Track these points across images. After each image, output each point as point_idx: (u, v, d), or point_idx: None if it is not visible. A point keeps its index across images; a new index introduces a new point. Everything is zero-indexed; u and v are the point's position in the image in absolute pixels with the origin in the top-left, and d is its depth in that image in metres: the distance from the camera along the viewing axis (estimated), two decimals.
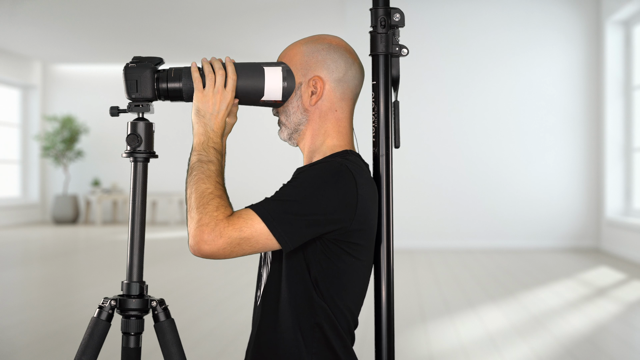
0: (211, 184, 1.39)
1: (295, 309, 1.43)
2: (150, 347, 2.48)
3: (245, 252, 1.36)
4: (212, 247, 1.33)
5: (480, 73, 8.30)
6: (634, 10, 7.48)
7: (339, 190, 1.39)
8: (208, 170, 1.41)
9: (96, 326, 1.42)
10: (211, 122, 1.46)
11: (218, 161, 1.43)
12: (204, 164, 1.41)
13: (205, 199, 1.36)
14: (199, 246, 1.33)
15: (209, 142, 1.45)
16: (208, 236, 1.33)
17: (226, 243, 1.33)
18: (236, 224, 1.34)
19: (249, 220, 1.35)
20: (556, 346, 3.72)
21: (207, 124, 1.45)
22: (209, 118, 1.46)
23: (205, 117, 1.46)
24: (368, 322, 2.90)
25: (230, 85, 1.46)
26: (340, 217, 1.39)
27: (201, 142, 1.44)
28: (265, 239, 1.35)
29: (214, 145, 1.45)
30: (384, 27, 1.52)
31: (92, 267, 7.06)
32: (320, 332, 1.43)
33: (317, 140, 1.52)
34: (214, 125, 1.46)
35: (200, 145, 1.44)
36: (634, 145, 7.71)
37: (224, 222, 1.34)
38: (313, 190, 1.38)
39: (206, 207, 1.35)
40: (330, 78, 1.50)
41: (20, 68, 12.16)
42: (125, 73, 1.44)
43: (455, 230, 8.27)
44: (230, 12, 8.99)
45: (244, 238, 1.34)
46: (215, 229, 1.33)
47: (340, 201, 1.38)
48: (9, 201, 12.11)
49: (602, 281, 5.84)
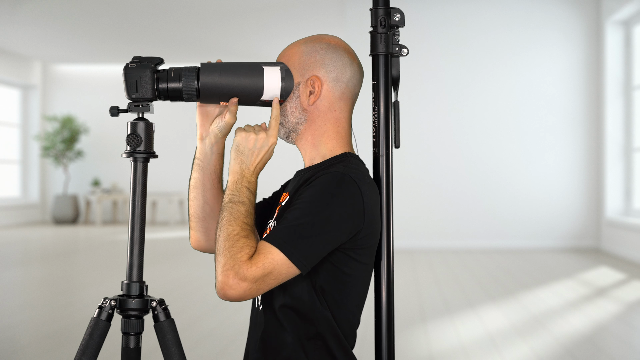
0: (238, 226, 1.38)
1: (296, 319, 1.43)
2: (150, 347, 2.48)
3: (271, 286, 1.36)
4: (237, 291, 1.32)
5: (480, 73, 8.30)
6: (634, 10, 7.48)
7: (346, 202, 1.39)
8: (237, 211, 1.40)
9: (96, 326, 1.42)
10: (248, 159, 1.45)
11: (249, 201, 1.42)
12: (234, 205, 1.41)
13: (231, 241, 1.36)
14: (224, 292, 1.33)
15: (243, 181, 1.44)
16: (232, 281, 1.32)
17: (250, 283, 1.33)
18: (258, 262, 1.34)
19: (268, 254, 1.34)
20: (556, 346, 3.72)
21: (243, 162, 1.45)
22: (247, 155, 1.45)
23: (243, 154, 1.45)
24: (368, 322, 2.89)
25: (273, 126, 1.46)
26: (350, 229, 1.40)
27: (235, 181, 1.44)
28: (286, 268, 1.35)
29: (248, 185, 1.44)
30: (384, 27, 1.52)
31: (92, 267, 7.06)
32: (322, 342, 1.43)
33: (316, 141, 1.52)
34: (250, 164, 1.45)
35: (234, 184, 1.43)
36: (634, 145, 7.71)
37: (247, 264, 1.33)
38: (321, 208, 1.38)
39: (230, 250, 1.35)
40: (328, 78, 1.50)
41: (20, 68, 12.16)
42: (125, 73, 1.44)
43: (455, 230, 8.27)
44: (230, 12, 9.00)
45: (267, 274, 1.34)
46: (239, 272, 1.32)
47: (348, 214, 1.39)
48: (9, 201, 12.11)
49: (602, 281, 5.84)
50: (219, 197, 1.58)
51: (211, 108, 1.54)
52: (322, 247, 1.37)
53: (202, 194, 1.57)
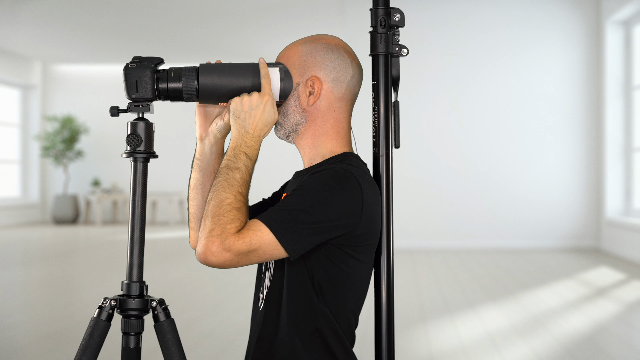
0: (231, 194, 1.37)
1: (295, 315, 1.43)
2: (150, 347, 2.48)
3: (252, 262, 1.36)
4: (218, 259, 1.32)
5: (480, 73, 8.30)
6: (634, 10, 7.48)
7: (345, 196, 1.39)
8: (232, 178, 1.39)
9: (96, 326, 1.42)
10: (246, 121, 1.43)
11: (246, 168, 1.41)
12: (230, 171, 1.40)
13: (222, 209, 1.35)
14: (205, 256, 1.33)
15: (242, 145, 1.42)
16: (216, 248, 1.32)
17: (233, 255, 1.33)
18: (246, 237, 1.33)
19: (257, 231, 1.34)
20: (556, 346, 3.72)
21: (241, 125, 1.43)
22: (243, 117, 1.43)
23: (240, 118, 1.44)
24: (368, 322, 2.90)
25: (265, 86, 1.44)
26: (346, 223, 1.39)
27: (233, 146, 1.42)
28: (272, 248, 1.35)
29: (246, 150, 1.42)
30: (384, 27, 1.52)
31: (92, 267, 7.06)
32: (320, 338, 1.43)
33: (316, 141, 1.51)
34: (248, 125, 1.43)
35: (232, 150, 1.42)
36: (634, 145, 7.71)
37: (234, 235, 1.33)
38: (319, 197, 1.37)
39: (221, 218, 1.34)
40: (328, 78, 1.49)
41: (20, 68, 12.16)
42: (125, 73, 1.44)
43: (455, 230, 8.27)
44: (230, 12, 9.00)
45: (252, 250, 1.34)
46: (225, 242, 1.32)
47: (346, 208, 1.39)
48: (9, 201, 12.11)
49: (602, 281, 5.84)
50: None
51: (211, 108, 1.54)
52: (313, 236, 1.37)
53: (201, 194, 1.57)
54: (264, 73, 1.45)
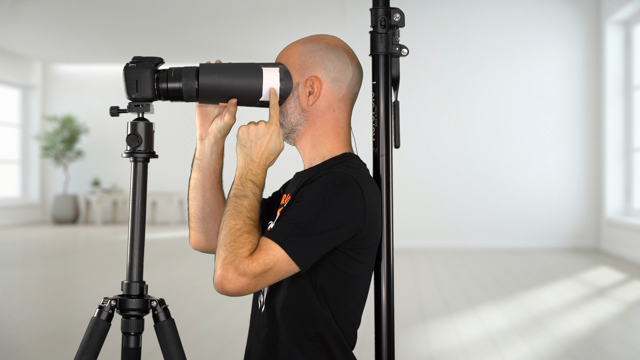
0: (240, 220, 1.37)
1: (295, 319, 1.43)
2: (150, 347, 2.48)
3: (269, 282, 1.35)
4: (236, 285, 1.32)
5: (480, 73, 8.30)
6: (634, 10, 7.48)
7: (347, 202, 1.39)
8: (240, 205, 1.39)
9: (96, 326, 1.42)
10: (252, 150, 1.44)
11: (254, 195, 1.41)
12: (238, 199, 1.40)
13: (233, 235, 1.35)
14: (222, 285, 1.32)
15: (248, 174, 1.42)
16: (232, 275, 1.31)
17: (250, 279, 1.32)
18: (259, 258, 1.33)
19: (269, 250, 1.34)
20: (556, 346, 3.72)
21: (247, 154, 1.44)
22: (249, 147, 1.44)
23: (245, 147, 1.44)
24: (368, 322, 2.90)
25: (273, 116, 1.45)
26: (351, 228, 1.39)
27: (240, 175, 1.43)
28: (286, 265, 1.35)
29: (253, 178, 1.42)
30: (384, 27, 1.52)
31: (92, 267, 7.06)
32: (321, 342, 1.43)
33: (316, 141, 1.51)
34: (254, 154, 1.43)
35: (239, 179, 1.42)
36: (634, 145, 7.71)
37: (247, 259, 1.32)
38: (322, 207, 1.37)
39: (232, 244, 1.34)
40: (327, 78, 1.49)
41: (20, 68, 12.16)
42: (125, 73, 1.44)
43: (455, 230, 8.27)
44: (230, 12, 9.00)
45: (266, 270, 1.33)
46: (239, 268, 1.31)
47: (349, 213, 1.39)
48: (9, 201, 12.11)
49: (602, 281, 5.84)
50: (218, 198, 1.58)
51: (210, 108, 1.54)
52: (322, 245, 1.37)
53: (201, 194, 1.57)
54: (273, 103, 1.46)
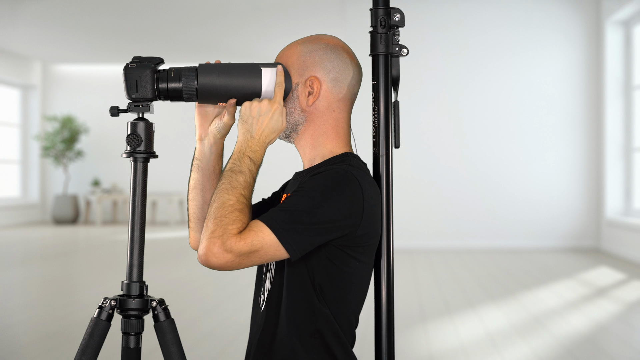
0: (234, 196, 1.37)
1: (295, 316, 1.43)
2: (150, 347, 2.48)
3: (253, 263, 1.35)
4: (220, 260, 1.32)
5: (480, 73, 8.30)
6: (634, 10, 7.48)
7: (346, 197, 1.39)
8: (235, 181, 1.39)
9: (96, 326, 1.42)
10: (252, 127, 1.44)
11: (250, 172, 1.41)
12: (234, 174, 1.40)
13: (224, 210, 1.35)
14: (206, 257, 1.32)
15: (246, 150, 1.43)
16: (218, 249, 1.32)
17: (235, 256, 1.32)
18: (247, 238, 1.33)
19: (259, 232, 1.34)
20: (556, 346, 3.72)
21: (247, 130, 1.44)
22: (250, 123, 1.44)
23: (247, 122, 1.44)
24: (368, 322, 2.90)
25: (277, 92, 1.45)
26: (347, 224, 1.39)
27: (238, 150, 1.43)
28: (274, 249, 1.35)
29: (251, 154, 1.42)
30: (384, 27, 1.52)
31: (92, 267, 7.06)
32: (320, 339, 1.43)
33: (316, 141, 1.51)
34: (254, 131, 1.44)
35: (237, 154, 1.43)
36: (634, 145, 7.71)
37: (235, 237, 1.33)
38: (320, 198, 1.37)
39: (222, 219, 1.34)
40: (327, 78, 1.49)
41: (20, 68, 12.16)
42: (125, 73, 1.44)
43: (455, 230, 8.27)
44: (230, 12, 9.00)
45: (253, 251, 1.34)
46: (226, 243, 1.32)
47: (347, 209, 1.39)
48: (9, 201, 12.11)
49: (602, 281, 5.84)
50: None
51: (210, 109, 1.54)
52: (315, 236, 1.37)
53: (201, 194, 1.57)
54: (279, 81, 1.46)
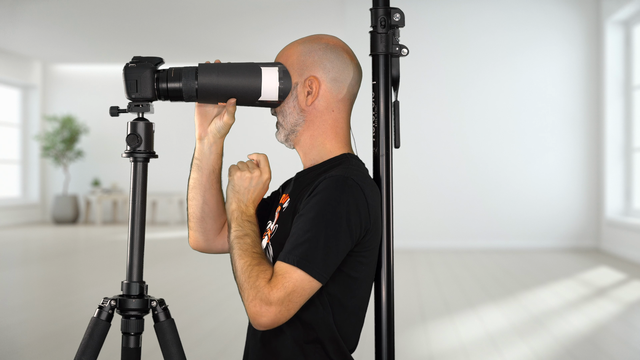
0: (249, 257, 1.40)
1: (296, 323, 1.43)
2: (150, 347, 2.48)
3: (299, 304, 1.36)
4: (268, 316, 1.33)
5: (480, 73, 8.30)
6: (634, 10, 7.48)
7: (351, 207, 1.39)
8: (245, 244, 1.43)
9: (96, 326, 1.42)
10: (245, 197, 1.50)
11: (253, 232, 1.46)
12: (241, 239, 1.44)
13: (247, 273, 1.37)
14: (258, 321, 1.34)
15: (242, 216, 1.48)
16: (259, 308, 1.33)
17: (278, 306, 1.33)
18: (278, 284, 1.34)
19: (286, 274, 1.35)
20: (556, 346, 3.72)
21: (240, 200, 1.50)
22: (242, 193, 1.50)
23: (239, 193, 1.50)
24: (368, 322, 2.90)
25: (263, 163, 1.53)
26: (359, 232, 1.40)
27: (235, 218, 1.48)
28: (308, 283, 1.35)
29: (248, 219, 1.48)
30: (384, 27, 1.52)
31: (92, 267, 7.06)
32: (320, 347, 1.43)
33: (315, 141, 1.51)
34: (247, 200, 1.50)
35: (235, 221, 1.47)
36: (634, 145, 7.71)
37: (267, 288, 1.34)
38: (329, 217, 1.37)
39: (249, 281, 1.36)
40: (326, 78, 1.49)
41: (20, 68, 12.16)
42: (125, 73, 1.44)
43: (455, 230, 8.27)
44: (230, 12, 8.99)
45: (290, 293, 1.34)
46: (263, 299, 1.33)
47: (356, 218, 1.39)
48: (9, 201, 12.10)
49: (602, 281, 5.84)
50: (218, 197, 1.58)
51: (210, 108, 1.54)
52: (336, 256, 1.38)
53: (201, 194, 1.57)
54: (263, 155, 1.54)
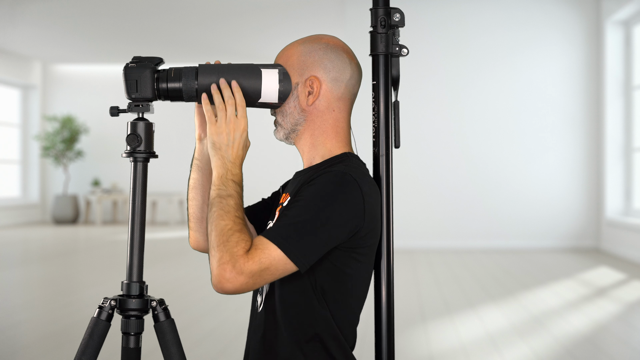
0: (230, 220, 1.37)
1: (295, 320, 1.43)
2: (150, 347, 2.48)
3: (267, 281, 1.36)
4: (234, 284, 1.32)
5: (480, 73, 8.30)
6: (634, 10, 7.48)
7: (347, 202, 1.39)
8: (227, 205, 1.39)
9: (96, 326, 1.42)
10: (228, 153, 1.44)
11: (237, 194, 1.42)
12: (223, 199, 1.40)
13: (225, 236, 1.35)
14: (221, 285, 1.33)
15: (227, 174, 1.43)
16: (229, 274, 1.32)
17: (248, 277, 1.33)
18: (255, 256, 1.34)
19: (265, 250, 1.34)
20: (556, 346, 3.72)
21: (224, 157, 1.44)
22: (225, 150, 1.44)
23: (221, 149, 1.44)
24: (368, 322, 2.90)
25: (240, 112, 1.44)
26: (350, 228, 1.39)
27: (220, 175, 1.43)
28: (283, 264, 1.35)
29: (233, 178, 1.43)
30: (384, 27, 1.52)
31: (92, 267, 7.06)
32: (320, 343, 1.43)
33: (315, 141, 1.51)
34: (230, 157, 1.44)
35: (219, 179, 1.42)
36: (634, 145, 7.71)
37: (243, 257, 1.33)
38: (321, 206, 1.37)
39: (226, 244, 1.34)
40: (327, 78, 1.49)
41: (20, 68, 12.16)
42: (125, 73, 1.44)
43: (455, 230, 8.27)
44: (230, 12, 8.99)
45: (264, 269, 1.34)
46: (236, 266, 1.32)
47: (349, 213, 1.39)
48: (9, 201, 12.10)
49: (602, 281, 5.84)
50: None
51: None
52: (321, 245, 1.37)
53: (201, 194, 1.57)
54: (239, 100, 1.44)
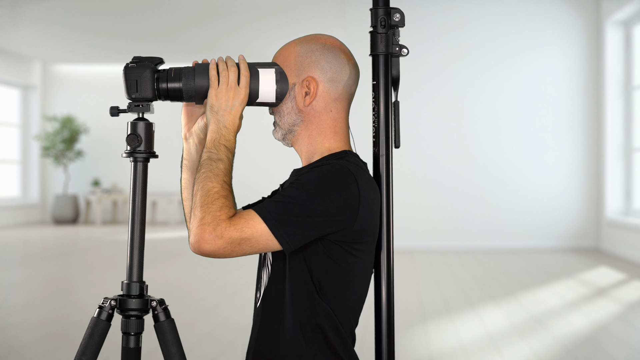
0: (217, 183, 1.39)
1: (296, 311, 1.43)
2: (150, 347, 2.48)
3: (245, 252, 1.36)
4: (212, 246, 1.33)
5: (480, 73, 8.30)
6: (634, 10, 7.48)
7: (341, 191, 1.39)
8: (217, 168, 1.40)
9: (96, 326, 1.42)
10: (224, 118, 1.45)
11: (228, 159, 1.43)
12: (213, 162, 1.41)
13: (210, 197, 1.36)
14: (199, 244, 1.34)
15: (221, 139, 1.44)
16: (209, 235, 1.33)
17: (226, 243, 1.34)
18: (237, 224, 1.34)
19: (250, 220, 1.35)
20: (556, 346, 3.72)
21: (219, 120, 1.44)
22: (222, 114, 1.45)
23: (218, 114, 1.45)
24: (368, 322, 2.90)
25: (243, 82, 1.46)
26: (342, 219, 1.39)
27: (213, 139, 1.43)
28: (265, 239, 1.36)
29: (226, 143, 1.44)
30: (384, 27, 1.52)
31: (92, 267, 7.06)
32: (321, 334, 1.43)
33: (314, 141, 1.51)
34: (226, 122, 1.45)
35: (212, 143, 1.43)
36: (634, 145, 7.71)
37: (225, 222, 1.34)
38: (315, 192, 1.38)
39: (210, 206, 1.35)
40: (323, 78, 1.49)
41: (20, 68, 12.16)
42: (125, 73, 1.44)
43: (455, 230, 8.27)
44: (230, 12, 8.99)
45: (244, 238, 1.35)
46: (217, 229, 1.33)
47: (342, 203, 1.39)
48: (9, 201, 12.10)
49: (602, 281, 5.84)
50: None
51: (195, 107, 1.55)
52: (308, 230, 1.37)
53: (192, 194, 1.57)
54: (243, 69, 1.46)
